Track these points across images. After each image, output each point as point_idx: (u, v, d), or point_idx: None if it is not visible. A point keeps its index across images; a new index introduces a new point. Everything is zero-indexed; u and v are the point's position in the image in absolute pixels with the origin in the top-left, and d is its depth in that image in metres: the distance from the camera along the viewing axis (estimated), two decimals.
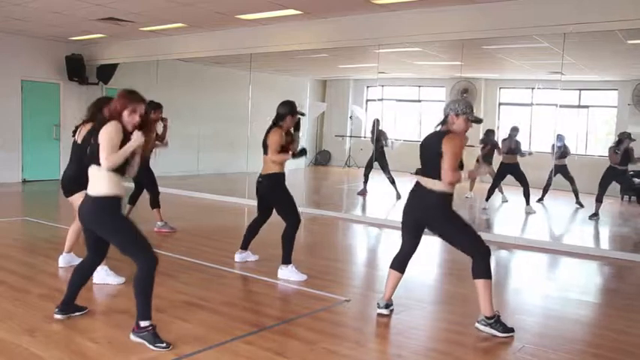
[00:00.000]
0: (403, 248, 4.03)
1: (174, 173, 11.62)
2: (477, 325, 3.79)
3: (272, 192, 5.00)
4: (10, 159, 11.14)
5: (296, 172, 12.58)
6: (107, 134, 3.24)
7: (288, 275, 4.94)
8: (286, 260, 4.98)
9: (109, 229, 3.38)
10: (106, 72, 12.04)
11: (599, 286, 5.80)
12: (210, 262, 5.37)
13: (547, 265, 6.35)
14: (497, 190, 9.98)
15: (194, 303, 4.16)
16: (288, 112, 4.94)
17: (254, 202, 5.41)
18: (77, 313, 3.73)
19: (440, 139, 3.70)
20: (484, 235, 7.34)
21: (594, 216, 8.82)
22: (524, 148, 9.96)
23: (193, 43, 10.29)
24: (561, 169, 9.77)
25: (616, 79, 12.55)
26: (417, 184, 3.87)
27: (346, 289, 4.85)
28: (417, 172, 3.97)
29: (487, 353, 3.51)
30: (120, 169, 3.34)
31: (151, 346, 3.26)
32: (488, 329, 3.73)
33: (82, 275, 3.70)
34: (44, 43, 11.43)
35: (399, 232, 4.09)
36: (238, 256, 5.41)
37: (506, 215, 9.99)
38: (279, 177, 4.98)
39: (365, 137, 15.62)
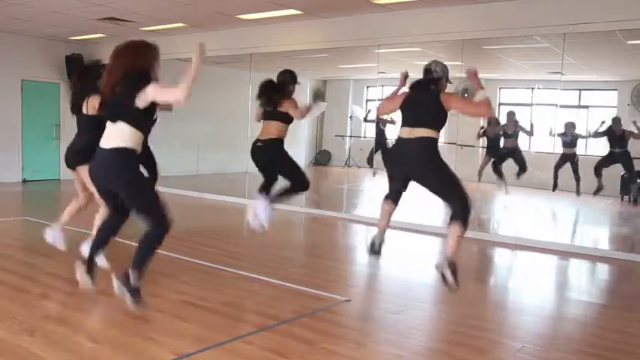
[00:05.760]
0: (394, 189, 4.11)
1: (175, 173, 11.60)
2: (437, 263, 3.85)
3: (277, 155, 5.00)
4: (10, 159, 11.14)
5: None
6: (160, 85, 3.29)
7: (259, 209, 5.00)
8: (272, 199, 5.01)
9: (126, 180, 3.32)
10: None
11: (599, 286, 5.80)
12: (210, 262, 5.37)
13: (547, 265, 6.35)
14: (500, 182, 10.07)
15: (194, 303, 4.16)
16: (290, 79, 5.04)
17: None
18: (91, 283, 3.71)
19: (436, 97, 3.85)
20: (485, 236, 7.39)
21: (599, 190, 8.84)
22: (524, 149, 10.03)
23: (193, 43, 10.27)
24: (569, 157, 9.81)
25: (616, 80, 12.54)
26: (406, 135, 3.92)
27: (346, 289, 4.85)
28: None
29: (487, 353, 3.51)
30: (144, 128, 3.33)
31: (129, 300, 3.31)
32: (445, 270, 3.77)
33: (108, 233, 3.67)
34: (44, 43, 11.43)
35: (400, 232, 4.10)
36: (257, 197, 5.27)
37: (506, 215, 10.00)
38: (283, 142, 5.01)
39: (365, 137, 15.62)
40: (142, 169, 6.33)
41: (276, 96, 5.01)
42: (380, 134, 10.59)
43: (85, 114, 4.63)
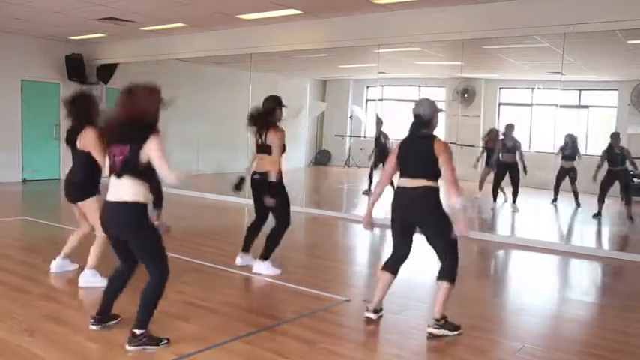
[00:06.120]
0: (397, 251, 4.02)
1: None
2: (429, 329, 3.73)
3: (269, 190, 5.00)
4: (10, 159, 11.14)
5: (296, 172, 12.59)
6: (160, 149, 3.20)
7: (263, 269, 5.01)
8: (265, 256, 5.03)
9: (136, 233, 3.32)
10: (106, 72, 12.04)
11: (599, 286, 5.81)
12: (210, 262, 5.37)
13: (547, 266, 6.35)
14: (499, 194, 10.10)
15: (194, 303, 4.16)
16: (276, 104, 5.02)
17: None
18: (112, 322, 3.62)
19: (430, 143, 3.79)
20: (485, 236, 7.39)
21: (597, 215, 8.92)
22: (524, 149, 10.02)
23: (193, 43, 10.29)
24: (568, 171, 9.81)
25: (616, 79, 12.54)
26: (406, 185, 3.87)
27: (346, 289, 4.85)
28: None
29: (486, 353, 3.51)
30: (149, 180, 3.32)
31: (155, 347, 3.26)
32: (441, 331, 3.72)
33: (115, 287, 3.59)
34: (44, 43, 11.43)
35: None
36: (239, 260, 5.29)
37: (507, 215, 9.99)
38: (281, 177, 5.00)
39: (365, 137, 15.63)
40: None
41: (264, 125, 4.98)
42: (383, 148, 10.54)
43: (80, 149, 4.52)
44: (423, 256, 6.15)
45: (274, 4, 7.58)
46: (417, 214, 3.83)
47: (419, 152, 3.85)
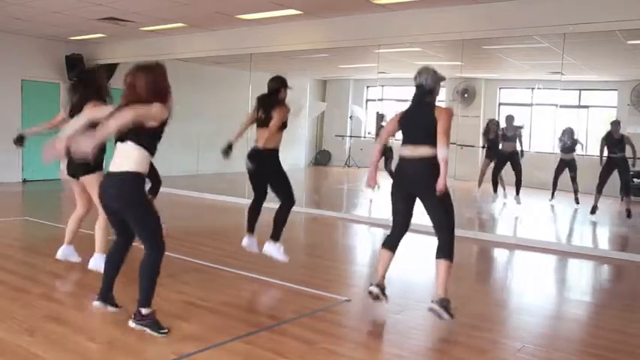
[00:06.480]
0: (397, 223, 4.10)
1: (175, 173, 11.62)
2: (431, 305, 3.82)
3: (267, 166, 5.05)
4: (10, 159, 11.13)
5: (296, 172, 12.58)
6: (145, 109, 3.26)
7: (273, 251, 5.12)
8: (276, 237, 5.13)
9: (134, 205, 3.37)
10: (106, 72, 12.04)
11: (599, 286, 5.80)
12: (210, 262, 5.37)
13: (547, 266, 6.35)
14: (499, 187, 10.14)
15: (194, 303, 4.16)
16: (281, 85, 5.09)
17: None
18: (112, 309, 3.69)
19: (432, 110, 3.87)
20: (485, 236, 7.39)
21: (594, 209, 8.91)
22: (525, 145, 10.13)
23: (193, 43, 10.28)
24: (569, 164, 9.84)
25: (616, 80, 12.54)
26: (408, 155, 3.92)
27: (346, 289, 4.85)
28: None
29: (487, 353, 3.51)
30: (151, 149, 3.38)
31: (155, 333, 3.34)
32: (440, 310, 3.78)
33: (114, 262, 3.66)
34: (44, 43, 11.43)
35: None
36: (246, 241, 5.33)
37: (506, 215, 10.00)
38: (276, 152, 5.06)
39: (365, 137, 15.62)
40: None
41: (270, 104, 5.04)
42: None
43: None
44: (423, 256, 6.15)
45: (274, 4, 7.58)
46: (420, 184, 3.85)
47: (421, 120, 3.89)
